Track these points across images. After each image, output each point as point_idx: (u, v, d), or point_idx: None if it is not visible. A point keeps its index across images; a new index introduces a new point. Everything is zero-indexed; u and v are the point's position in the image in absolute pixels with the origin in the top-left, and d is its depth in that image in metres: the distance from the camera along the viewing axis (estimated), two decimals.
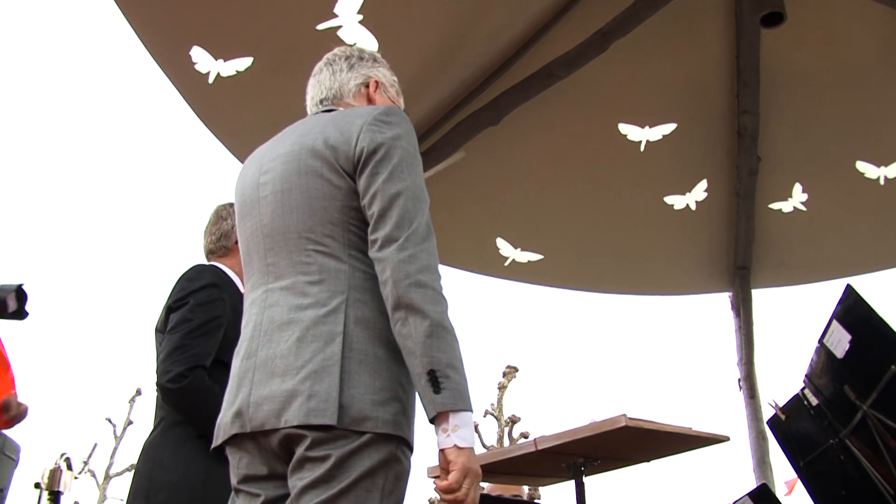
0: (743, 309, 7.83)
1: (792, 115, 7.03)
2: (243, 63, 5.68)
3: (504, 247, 7.79)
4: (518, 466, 2.66)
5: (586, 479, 2.53)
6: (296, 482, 1.76)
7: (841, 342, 2.30)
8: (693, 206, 7.47)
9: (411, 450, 1.85)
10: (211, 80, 5.66)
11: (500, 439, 19.17)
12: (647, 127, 6.89)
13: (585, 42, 6.19)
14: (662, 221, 7.58)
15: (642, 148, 6.97)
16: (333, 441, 1.74)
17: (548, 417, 31.28)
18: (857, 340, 2.24)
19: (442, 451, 1.75)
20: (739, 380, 7.62)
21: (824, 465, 2.65)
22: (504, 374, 19.98)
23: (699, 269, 8.03)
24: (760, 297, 8.05)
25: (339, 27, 5.69)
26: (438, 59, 6.30)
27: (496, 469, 2.67)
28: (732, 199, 7.51)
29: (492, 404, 19.71)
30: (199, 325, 2.74)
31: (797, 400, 2.77)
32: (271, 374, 1.83)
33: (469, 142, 6.71)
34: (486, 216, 7.59)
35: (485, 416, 19.45)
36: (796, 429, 2.74)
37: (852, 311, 2.30)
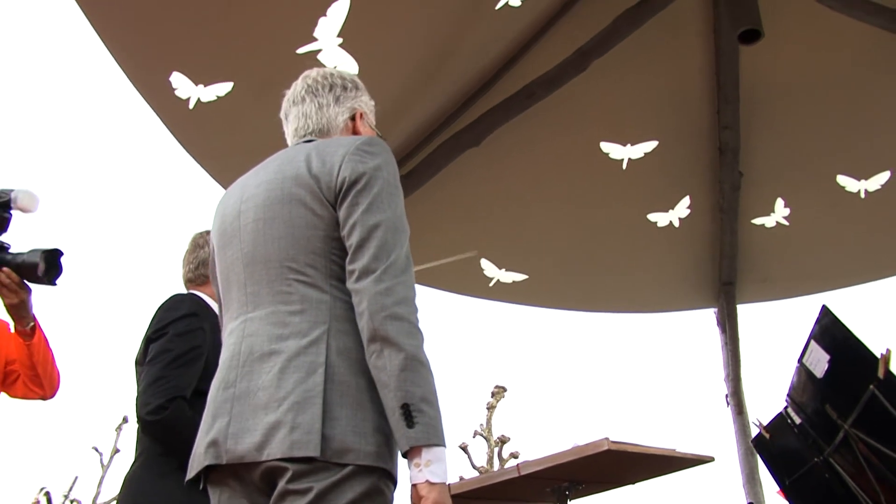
0: (728, 325, 7.84)
1: (773, 129, 7.07)
2: (224, 88, 5.66)
3: (488, 267, 7.79)
4: (503, 492, 2.63)
5: (571, 503, 2.53)
6: None
7: (820, 362, 2.29)
8: (676, 223, 7.49)
9: (394, 482, 1.83)
10: (191, 105, 5.65)
11: (490, 460, 19.09)
12: (628, 145, 6.91)
13: (565, 61, 6.20)
14: (646, 239, 7.59)
15: (624, 166, 6.99)
16: (315, 474, 1.72)
17: (537, 437, 31.25)
18: (836, 360, 2.23)
19: (414, 485, 1.74)
20: (727, 396, 7.62)
21: (809, 483, 2.63)
22: (493, 395, 19.91)
23: (684, 285, 8.04)
24: (746, 313, 8.07)
25: (319, 51, 5.69)
26: (418, 82, 6.31)
27: (481, 495, 2.64)
28: (716, 215, 7.53)
29: (481, 424, 19.63)
30: (179, 355, 2.71)
31: (780, 419, 2.76)
32: (253, 406, 1.80)
33: (450, 164, 6.72)
34: (469, 237, 7.57)
35: (474, 437, 19.37)
36: (781, 447, 2.72)
37: (829, 331, 2.30)
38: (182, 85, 5.66)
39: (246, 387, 1.84)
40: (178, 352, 2.70)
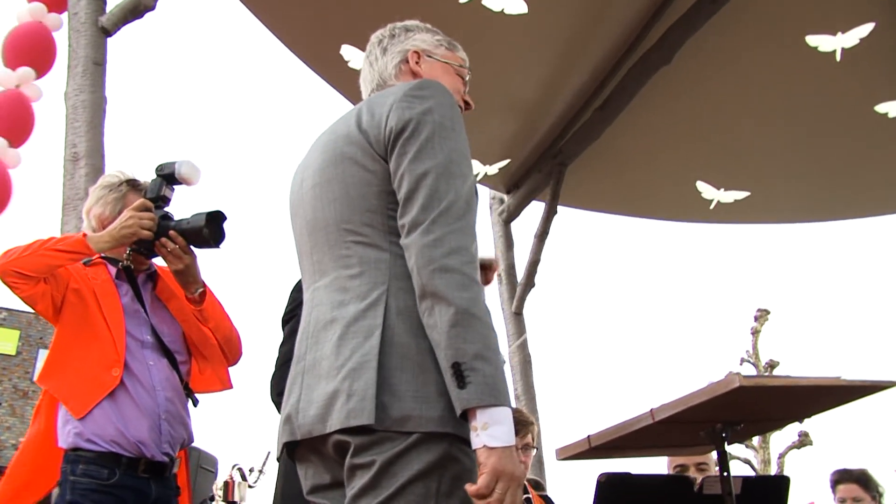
0: None
1: None
2: None
3: (706, 189, 7.39)
4: (644, 440, 2.43)
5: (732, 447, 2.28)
6: (347, 493, 1.67)
7: None
8: None
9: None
10: None
11: None
12: (839, 33, 6.24)
13: None
14: (878, 134, 6.87)
15: (838, 58, 6.32)
16: (377, 445, 1.62)
17: (808, 360, 29.72)
18: None
19: (474, 451, 1.60)
20: None
21: None
22: (756, 319, 19.10)
23: None
24: None
25: None
26: (592, 8, 6.02)
27: (621, 445, 2.45)
28: None
29: (747, 351, 18.93)
30: None
31: None
32: (318, 377, 1.74)
33: (644, 87, 6.39)
34: (682, 160, 7.21)
35: (741, 364, 18.70)
36: None
37: None
38: (354, 56, 5.72)
39: (313, 358, 1.78)
40: None
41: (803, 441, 17.80)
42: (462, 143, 1.81)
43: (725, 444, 2.35)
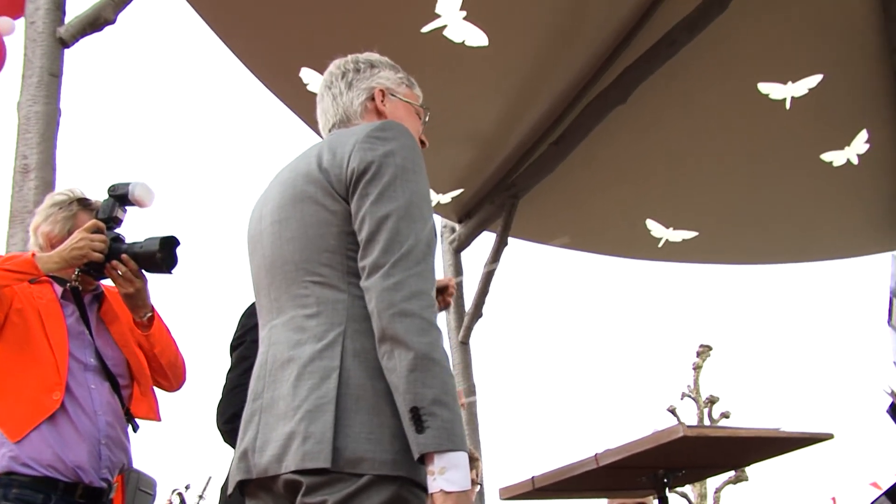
0: None
1: None
2: None
3: (655, 228, 7.47)
4: (588, 483, 2.45)
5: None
6: None
7: None
8: (855, 161, 6.89)
9: (426, 490, 1.69)
10: None
11: (700, 421, 18.53)
12: (789, 83, 6.40)
13: (704, 2, 5.81)
14: (822, 181, 7.05)
15: (788, 105, 6.48)
16: (329, 486, 1.62)
17: (748, 395, 30.16)
18: None
19: (430, 495, 1.61)
20: None
21: None
22: (698, 354, 19.31)
23: (870, 227, 7.44)
24: None
25: (444, 27, 5.59)
26: (553, 45, 6.09)
27: (563, 488, 2.47)
28: None
29: (688, 386, 19.10)
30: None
31: None
32: (275, 416, 1.74)
33: (600, 125, 6.47)
34: (631, 198, 7.30)
35: (682, 399, 18.86)
36: None
37: None
38: (313, 79, 5.71)
39: (271, 397, 1.77)
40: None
41: (739, 477, 17.99)
42: (423, 186, 1.82)
43: (666, 489, 2.38)
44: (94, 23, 4.50)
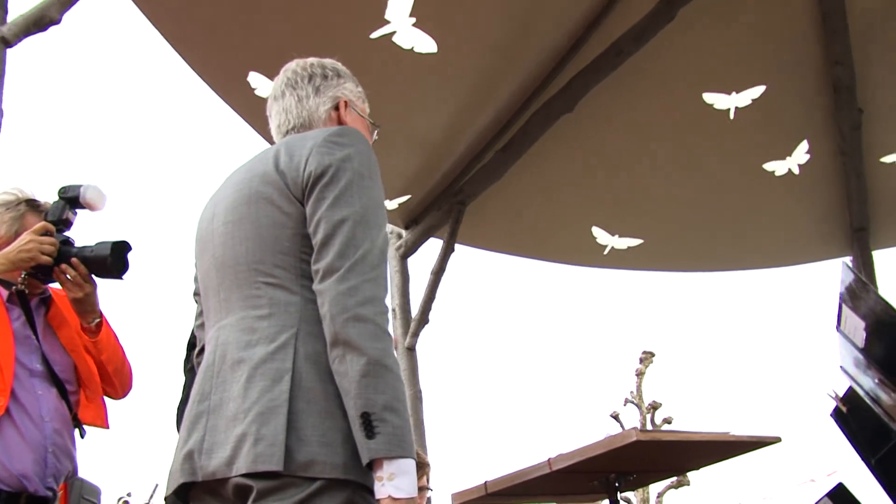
0: (864, 273, 7.32)
1: (892, 58, 6.51)
2: None
3: (601, 235, 7.53)
4: (542, 488, 2.47)
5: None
6: None
7: (857, 329, 2.00)
8: (796, 170, 7.01)
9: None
10: None
11: (644, 426, 18.71)
12: (733, 93, 6.49)
13: (651, 12, 5.88)
14: (765, 190, 7.17)
15: (732, 116, 6.58)
16: (281, 490, 1.62)
17: (690, 401, 30.58)
18: (871, 326, 1.95)
19: (378, 501, 1.60)
20: None
21: None
22: (641, 360, 19.52)
23: (812, 235, 7.58)
24: (883, 259, 7.54)
25: (394, 32, 5.58)
26: (501, 53, 6.12)
27: (517, 493, 2.49)
28: (838, 158, 7.02)
29: (631, 392, 19.30)
30: None
31: (852, 390, 2.47)
32: (225, 419, 1.73)
33: (546, 132, 6.51)
34: (577, 205, 7.35)
35: (625, 405, 19.05)
36: (859, 421, 2.44)
37: (854, 293, 2.00)
38: (261, 84, 5.67)
39: (219, 398, 1.76)
40: None
41: (681, 481, 18.21)
42: (379, 192, 1.83)
43: (618, 493, 2.41)
44: (39, 22, 4.42)
